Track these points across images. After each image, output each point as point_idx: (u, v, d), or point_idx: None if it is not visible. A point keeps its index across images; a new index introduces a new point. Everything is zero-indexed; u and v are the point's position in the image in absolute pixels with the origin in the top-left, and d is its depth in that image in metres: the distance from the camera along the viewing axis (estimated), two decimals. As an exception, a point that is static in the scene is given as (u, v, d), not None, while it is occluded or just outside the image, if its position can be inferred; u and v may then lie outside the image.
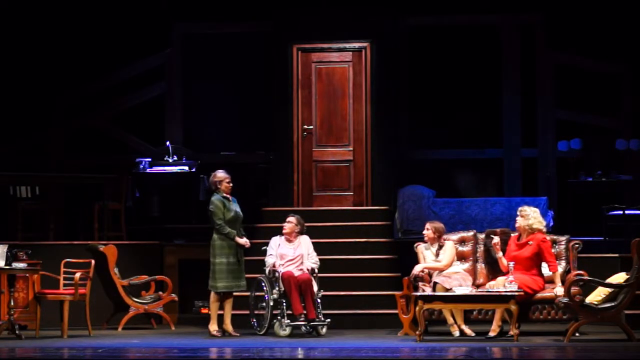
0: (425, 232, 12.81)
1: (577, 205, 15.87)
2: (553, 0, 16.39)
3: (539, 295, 12.10)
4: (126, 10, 16.76)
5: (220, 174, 12.85)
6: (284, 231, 12.99)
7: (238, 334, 12.66)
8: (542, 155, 16.49)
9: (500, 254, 12.34)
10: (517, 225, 12.36)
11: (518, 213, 12.39)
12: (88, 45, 16.82)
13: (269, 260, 12.87)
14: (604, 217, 15.00)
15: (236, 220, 12.74)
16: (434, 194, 15.83)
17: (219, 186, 12.80)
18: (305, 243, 13.01)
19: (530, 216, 12.29)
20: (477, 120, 16.59)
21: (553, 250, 12.46)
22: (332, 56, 16.17)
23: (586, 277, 11.96)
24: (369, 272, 14.24)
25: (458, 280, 12.31)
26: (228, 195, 12.80)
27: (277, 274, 12.73)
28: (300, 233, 13.03)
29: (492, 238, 12.51)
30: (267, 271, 12.89)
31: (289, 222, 13.00)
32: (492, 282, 12.11)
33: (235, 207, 12.80)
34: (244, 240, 12.70)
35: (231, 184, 12.84)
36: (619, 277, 11.82)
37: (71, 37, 16.80)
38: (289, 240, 12.97)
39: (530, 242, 12.17)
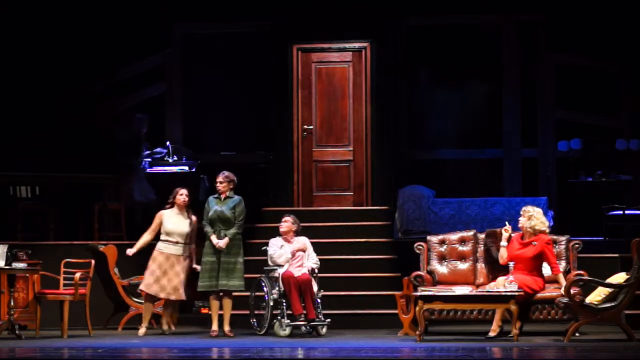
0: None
1: (577, 205, 15.87)
2: (553, 0, 16.40)
3: (539, 295, 12.10)
4: (126, 10, 16.77)
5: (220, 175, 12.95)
6: (281, 230, 12.98)
7: (232, 335, 12.64)
8: (542, 155, 16.50)
9: (505, 242, 12.29)
10: (519, 225, 12.34)
11: (521, 213, 12.37)
12: (88, 46, 16.82)
13: (280, 252, 12.83)
14: (604, 217, 15.01)
15: (217, 219, 12.71)
16: (434, 194, 15.83)
17: (215, 185, 12.93)
18: (304, 243, 13.01)
19: (534, 217, 12.26)
20: (477, 120, 16.59)
21: (553, 251, 12.44)
22: (332, 56, 16.18)
23: (586, 277, 11.96)
24: (369, 272, 14.24)
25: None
26: (222, 195, 12.81)
27: (278, 272, 12.74)
28: (297, 233, 13.03)
29: (498, 234, 12.47)
30: (277, 261, 12.85)
31: (285, 221, 13.01)
32: (492, 284, 12.09)
33: (220, 206, 12.75)
34: (216, 240, 12.68)
35: (220, 184, 12.81)
36: (619, 277, 11.82)
37: (71, 37, 16.80)
38: (288, 242, 12.96)
39: (534, 243, 12.15)
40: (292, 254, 12.84)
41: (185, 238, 12.93)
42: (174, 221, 12.92)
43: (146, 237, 13.06)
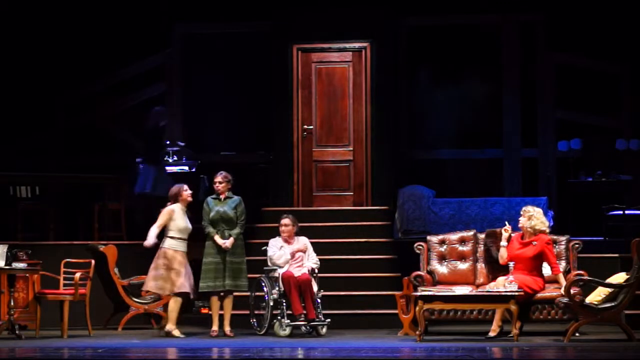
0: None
1: (577, 205, 15.87)
2: (553, 0, 16.40)
3: (539, 295, 12.10)
4: (126, 10, 16.77)
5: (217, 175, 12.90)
6: (284, 235, 12.94)
7: (232, 335, 12.63)
8: (542, 155, 16.50)
9: (505, 242, 12.28)
10: (520, 225, 12.33)
11: (522, 213, 12.36)
12: (88, 46, 16.83)
13: (280, 253, 12.80)
14: (604, 217, 15.01)
15: (219, 220, 12.69)
16: (434, 194, 15.83)
17: (214, 187, 12.87)
18: (304, 243, 13.01)
19: (534, 217, 12.25)
20: (477, 120, 16.59)
21: (553, 251, 12.44)
22: (332, 56, 16.17)
23: (586, 277, 11.95)
24: (369, 272, 14.24)
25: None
26: (222, 195, 12.78)
27: (278, 272, 12.74)
28: (296, 233, 13.02)
29: (500, 233, 12.44)
30: (277, 262, 12.81)
31: (285, 225, 12.96)
32: (492, 284, 12.08)
33: (222, 207, 12.73)
34: (221, 241, 12.66)
35: (220, 184, 12.78)
36: (619, 277, 11.82)
37: (71, 37, 16.81)
38: (288, 243, 12.95)
39: (535, 243, 12.14)
40: (291, 255, 12.84)
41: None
42: (184, 218, 12.82)
43: (157, 231, 12.73)
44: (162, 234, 12.78)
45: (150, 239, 12.65)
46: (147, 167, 15.77)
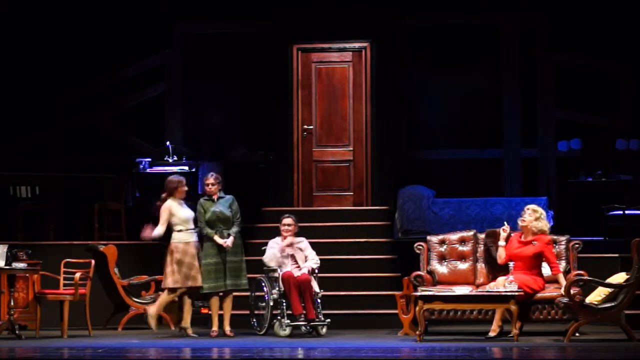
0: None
1: (577, 205, 15.87)
2: (553, 0, 16.40)
3: (539, 295, 12.09)
4: (126, 10, 16.77)
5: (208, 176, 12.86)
6: (286, 235, 12.91)
7: (232, 334, 12.62)
8: (542, 155, 16.50)
9: (503, 242, 12.28)
10: (522, 224, 12.31)
11: (529, 213, 12.32)
12: (88, 46, 16.83)
13: (269, 253, 12.81)
14: (604, 217, 15.01)
15: (216, 220, 12.68)
16: (434, 194, 15.83)
17: (205, 189, 12.81)
18: (303, 244, 13.00)
19: (541, 218, 12.24)
20: (477, 120, 16.59)
21: (553, 251, 12.44)
22: (332, 56, 16.18)
23: (586, 277, 11.95)
24: (369, 272, 14.24)
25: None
26: (214, 196, 12.75)
27: (278, 272, 12.73)
28: (296, 234, 13.01)
29: (499, 233, 12.43)
30: (271, 264, 12.81)
31: (289, 224, 12.94)
32: (492, 284, 12.08)
33: (217, 207, 12.72)
34: (221, 240, 12.65)
35: (212, 185, 12.74)
36: (619, 277, 11.82)
37: (71, 37, 16.81)
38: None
39: (535, 242, 12.14)
40: (280, 250, 12.80)
41: None
42: (184, 210, 12.75)
43: (163, 228, 12.62)
44: (169, 232, 12.74)
45: (154, 232, 12.56)
46: (210, 164, 15.73)
